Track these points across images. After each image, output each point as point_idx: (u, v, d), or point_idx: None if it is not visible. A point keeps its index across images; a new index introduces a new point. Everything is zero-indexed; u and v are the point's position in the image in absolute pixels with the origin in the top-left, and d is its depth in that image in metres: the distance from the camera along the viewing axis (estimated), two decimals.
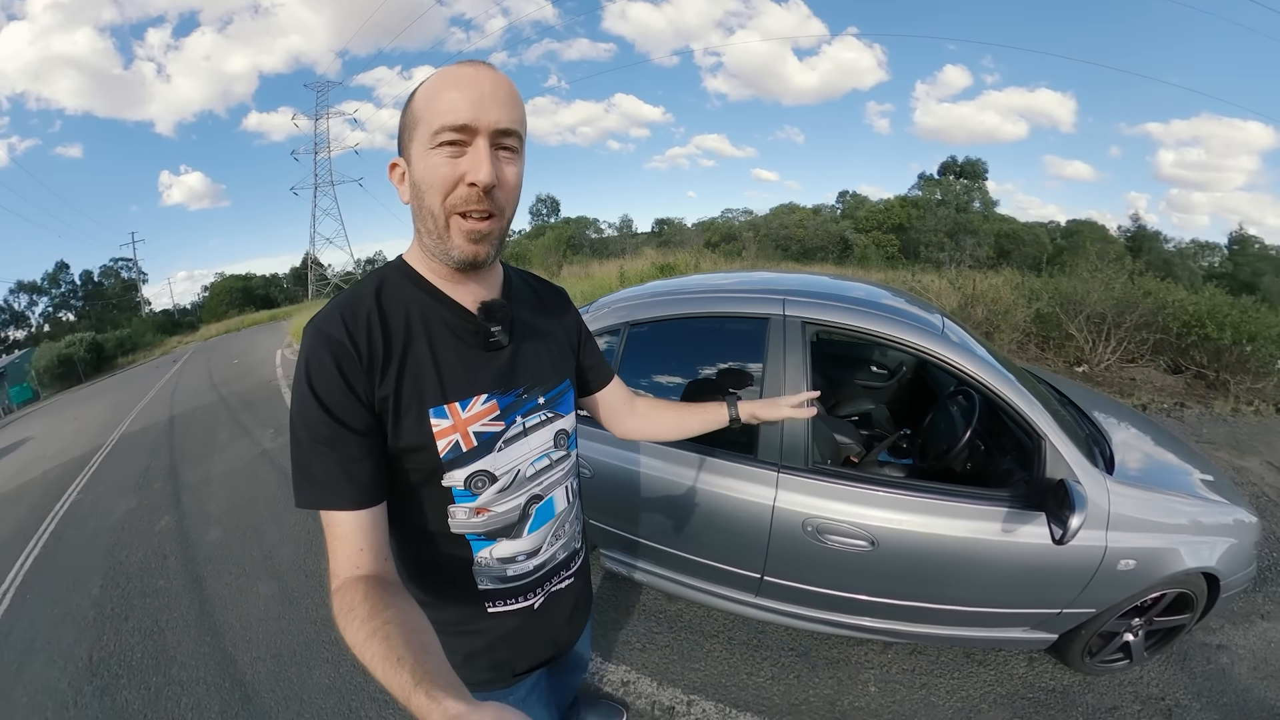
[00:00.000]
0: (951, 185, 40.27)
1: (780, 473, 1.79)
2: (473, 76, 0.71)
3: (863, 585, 1.84)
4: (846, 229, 37.15)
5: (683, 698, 2.06)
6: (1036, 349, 6.30)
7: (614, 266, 16.28)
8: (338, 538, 0.72)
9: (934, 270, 10.36)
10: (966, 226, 34.78)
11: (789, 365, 1.80)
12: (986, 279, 7.57)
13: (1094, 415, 2.19)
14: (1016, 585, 1.73)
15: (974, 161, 41.00)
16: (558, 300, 1.06)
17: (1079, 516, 1.42)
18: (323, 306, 0.79)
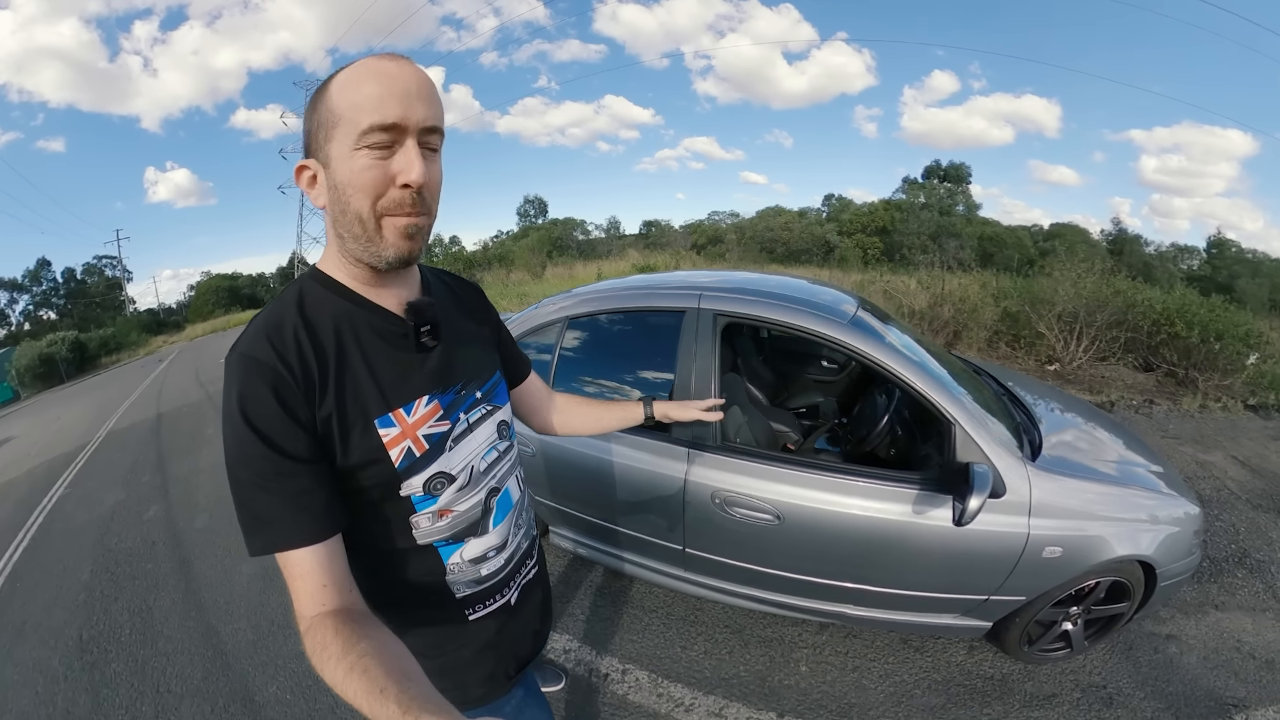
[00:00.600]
0: (935, 189, 40.64)
1: (690, 449, 1.92)
2: (396, 72, 0.67)
3: (774, 560, 1.91)
4: (831, 232, 37.50)
5: (618, 666, 2.18)
6: (1007, 348, 6.37)
7: (596, 268, 16.41)
8: (297, 577, 0.68)
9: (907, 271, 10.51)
10: (949, 229, 35.12)
11: (699, 353, 1.92)
12: (956, 279, 7.72)
13: (1030, 406, 2.23)
14: (933, 568, 1.74)
15: (957, 165, 41.38)
16: (474, 295, 1.04)
17: (977, 498, 1.43)
18: (243, 332, 0.73)
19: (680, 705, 1.98)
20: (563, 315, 2.32)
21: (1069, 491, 1.69)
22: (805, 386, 3.01)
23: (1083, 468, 1.83)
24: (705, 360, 1.91)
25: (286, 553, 0.68)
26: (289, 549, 0.68)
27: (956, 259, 30.75)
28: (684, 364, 1.95)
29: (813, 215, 43.16)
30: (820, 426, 2.60)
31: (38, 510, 6.27)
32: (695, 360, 1.92)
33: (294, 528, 0.68)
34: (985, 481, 1.47)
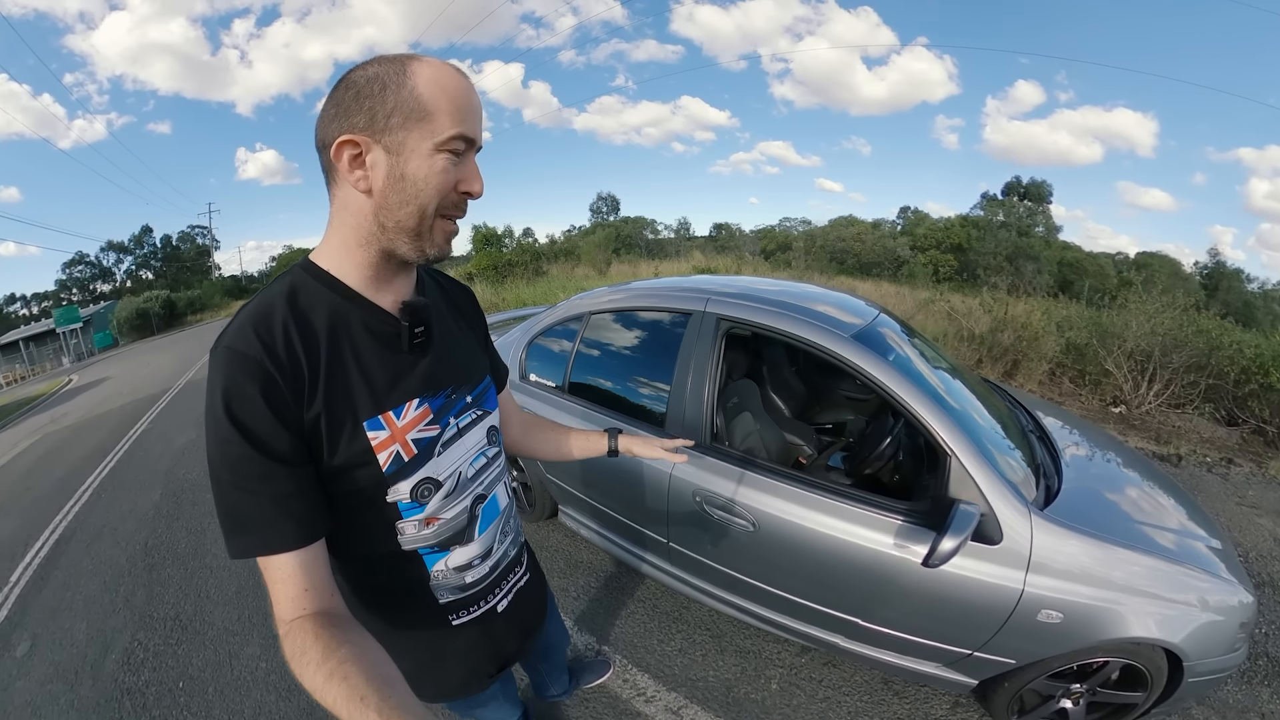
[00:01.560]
0: (1015, 207, 38.23)
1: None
2: (471, 90, 0.70)
3: (749, 568, 1.87)
4: (904, 245, 35.83)
5: (595, 646, 2.23)
6: (1070, 384, 5.73)
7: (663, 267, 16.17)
8: (278, 581, 0.65)
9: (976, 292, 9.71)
10: (1027, 251, 32.95)
11: (697, 356, 1.92)
12: (1020, 303, 6.96)
13: (1059, 447, 2.00)
14: (911, 609, 1.62)
15: (1039, 183, 38.70)
16: (465, 297, 1.02)
17: (952, 540, 1.31)
18: (229, 323, 0.70)
19: (642, 695, 1.99)
20: (587, 310, 2.43)
21: (1081, 550, 1.46)
22: (836, 402, 2.90)
23: (1106, 526, 1.57)
24: (704, 363, 1.91)
25: (268, 558, 0.66)
26: (271, 554, 0.65)
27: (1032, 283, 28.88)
28: (682, 366, 1.96)
29: (887, 227, 41.27)
30: (835, 444, 2.53)
31: (124, 439, 7.06)
32: (693, 363, 1.93)
33: (276, 533, 0.65)
34: (966, 523, 1.34)
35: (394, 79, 0.67)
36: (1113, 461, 2.08)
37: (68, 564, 3.77)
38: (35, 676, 2.64)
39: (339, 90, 0.68)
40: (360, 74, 0.68)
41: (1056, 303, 7.18)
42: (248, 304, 0.72)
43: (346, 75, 0.69)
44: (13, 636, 3.03)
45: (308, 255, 0.78)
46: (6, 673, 2.72)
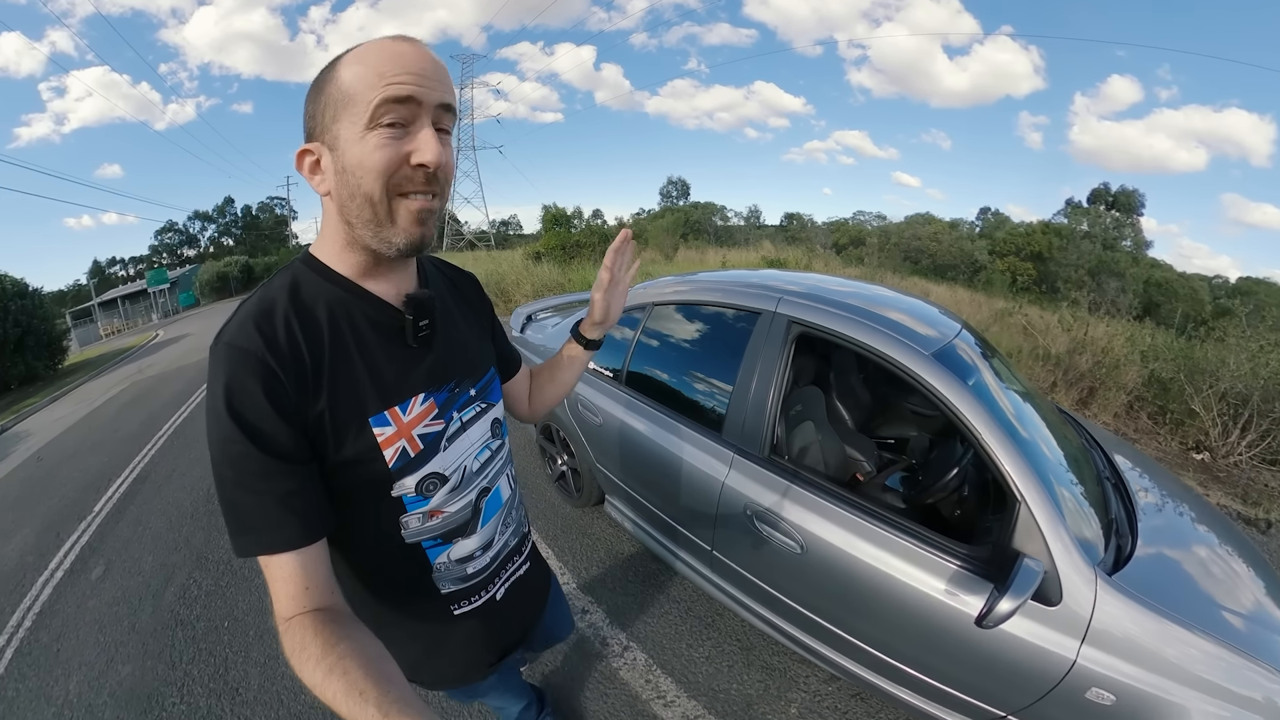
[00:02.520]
0: (1100, 216, 35.73)
1: (736, 454, 1.85)
2: (409, 50, 0.64)
3: (792, 590, 1.79)
4: (982, 249, 34.35)
5: (623, 641, 2.20)
6: (1149, 420, 5.18)
7: (731, 255, 15.79)
8: (279, 579, 0.64)
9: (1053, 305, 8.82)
10: (1111, 267, 30.62)
11: (764, 359, 1.83)
12: (1102, 325, 6.28)
13: (1136, 500, 1.80)
14: (952, 659, 1.50)
15: (1128, 192, 35.98)
16: (471, 286, 0.99)
17: (1011, 601, 1.18)
18: (229, 318, 0.69)
19: (662, 699, 1.97)
20: (650, 300, 2.37)
21: (1149, 628, 1.29)
22: (900, 415, 2.71)
23: (1179, 601, 1.38)
24: (770, 367, 1.81)
25: (269, 556, 0.65)
26: (274, 554, 0.64)
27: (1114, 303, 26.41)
28: (748, 365, 1.86)
29: (965, 229, 39.75)
30: (896, 464, 2.36)
31: (197, 392, 7.61)
32: (761, 364, 1.83)
33: (279, 532, 0.64)
34: (1029, 582, 1.21)
35: (326, 75, 0.65)
36: (1191, 520, 1.84)
37: (142, 501, 4.11)
38: (105, 598, 2.90)
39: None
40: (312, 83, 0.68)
41: (1142, 327, 6.44)
42: (249, 298, 0.71)
43: None
44: (90, 560, 3.34)
45: (307, 249, 0.76)
46: (82, 592, 3.00)
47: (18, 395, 12.78)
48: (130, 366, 12.75)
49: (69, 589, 3.07)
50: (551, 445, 3.07)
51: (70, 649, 2.55)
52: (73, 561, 3.37)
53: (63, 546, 3.60)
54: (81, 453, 5.95)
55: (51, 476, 5.36)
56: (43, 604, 2.98)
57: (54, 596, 3.03)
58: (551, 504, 3.16)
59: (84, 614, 2.80)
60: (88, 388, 11.19)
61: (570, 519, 3.00)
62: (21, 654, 2.60)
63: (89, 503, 4.28)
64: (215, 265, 36.52)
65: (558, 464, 3.07)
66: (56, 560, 3.43)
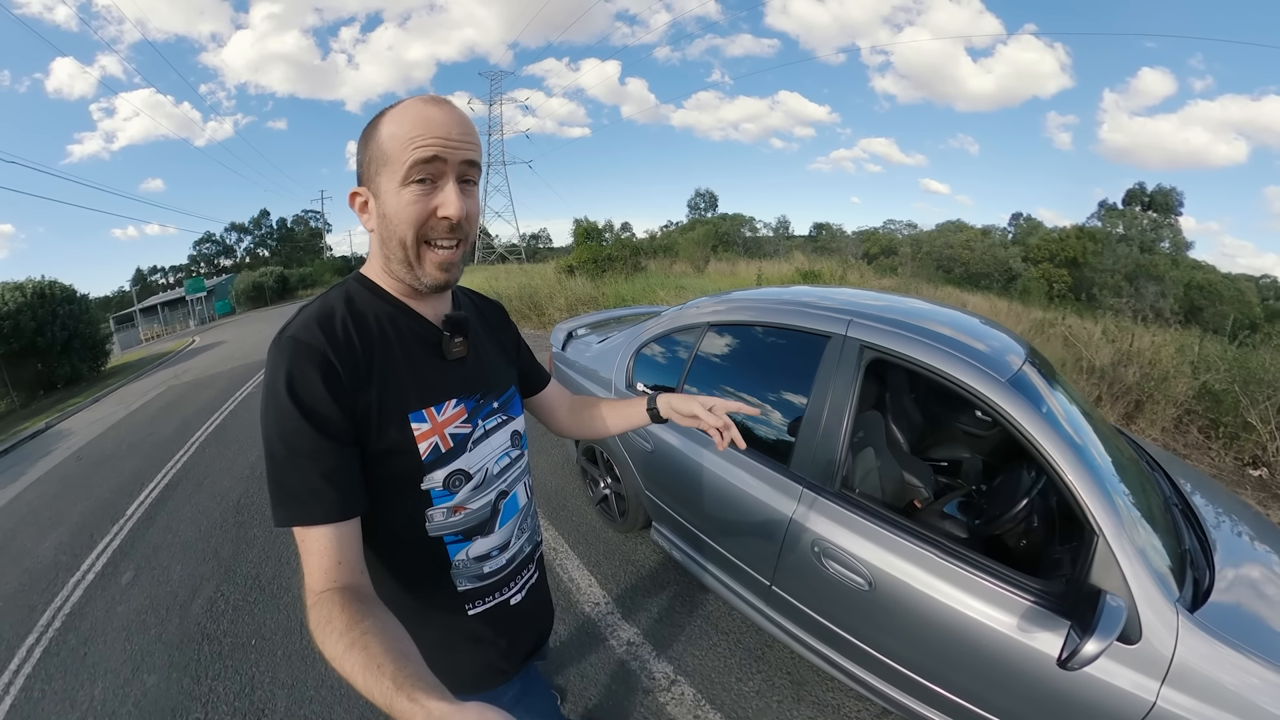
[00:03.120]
0: (1137, 218, 34.31)
1: (805, 489, 1.79)
2: (436, 113, 0.74)
3: (854, 626, 1.73)
4: (1015, 256, 33.53)
5: (670, 675, 2.12)
6: (1200, 434, 4.93)
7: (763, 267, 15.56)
8: (313, 552, 0.70)
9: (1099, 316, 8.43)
10: (1150, 270, 29.28)
11: (837, 385, 1.76)
12: (1149, 334, 6.04)
13: (1211, 532, 1.73)
14: (1024, 700, 1.44)
15: (1165, 191, 34.30)
16: (496, 313, 1.11)
17: (1098, 643, 1.12)
18: (290, 319, 0.78)
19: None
20: (705, 320, 2.28)
21: (1233, 669, 1.21)
22: (952, 436, 2.63)
23: (1263, 639, 1.30)
24: (842, 394, 1.75)
25: (307, 528, 0.70)
26: (312, 525, 0.70)
27: (1154, 308, 25.47)
28: (819, 393, 1.80)
29: (997, 235, 38.73)
30: (956, 489, 2.29)
31: (231, 398, 7.79)
32: (831, 392, 1.77)
33: (319, 505, 0.70)
34: (1115, 623, 1.15)
35: (371, 132, 0.77)
36: (1265, 548, 1.75)
37: (172, 508, 4.19)
38: (133, 604, 2.93)
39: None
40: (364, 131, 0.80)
41: (1189, 335, 6.07)
42: (309, 304, 0.81)
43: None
44: (121, 564, 3.40)
45: (358, 270, 0.87)
46: (111, 596, 3.05)
47: (63, 395, 13.28)
48: (167, 371, 13.16)
49: (99, 592, 3.13)
50: (594, 467, 3.01)
51: (97, 654, 2.58)
52: (104, 565, 3.44)
53: (95, 548, 3.68)
54: (118, 455, 6.13)
55: (89, 476, 5.52)
56: (73, 605, 3.03)
57: (84, 599, 3.09)
58: (593, 528, 3.09)
59: (112, 619, 2.84)
60: (127, 390, 11.58)
61: (612, 544, 2.93)
62: (50, 654, 2.65)
63: (122, 505, 4.38)
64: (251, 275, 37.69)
65: (600, 487, 3.01)
66: (89, 562, 3.50)
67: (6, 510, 5.05)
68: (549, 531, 3.11)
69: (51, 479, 5.81)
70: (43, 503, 5.01)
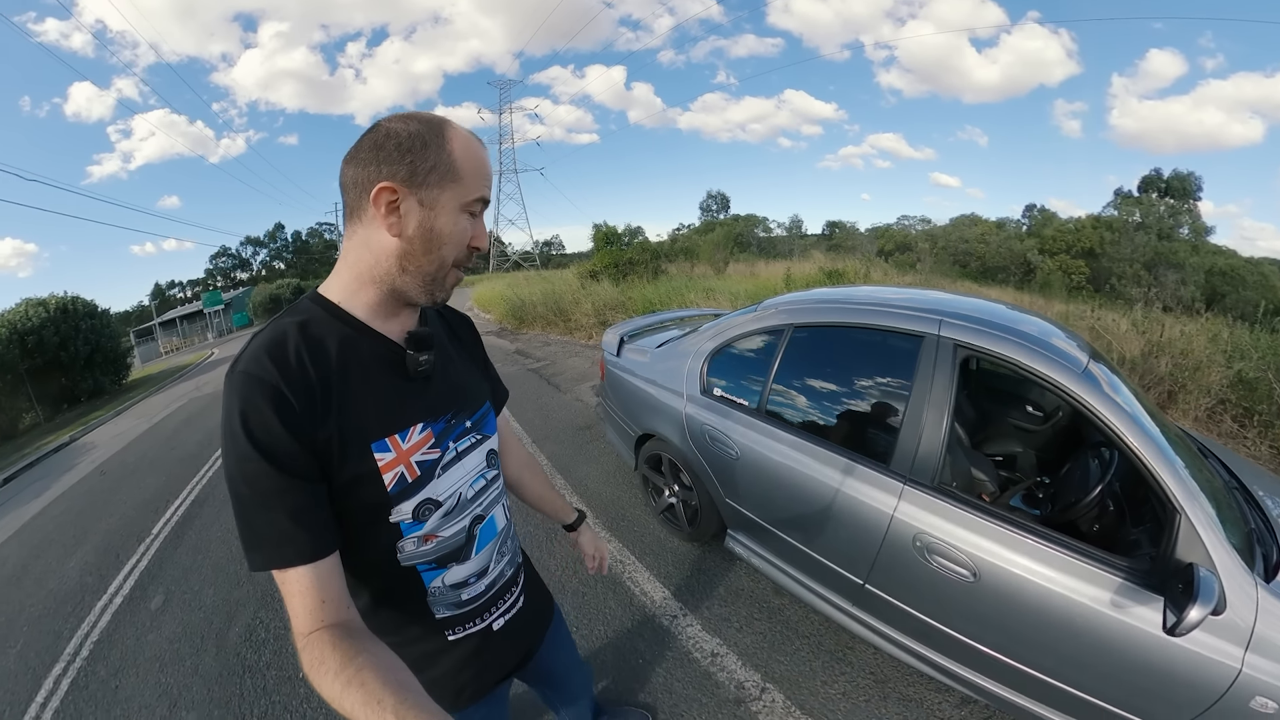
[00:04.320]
0: (1153, 205, 33.61)
1: (906, 485, 1.81)
2: (488, 158, 0.82)
3: (953, 618, 1.77)
4: (1031, 249, 33.12)
5: (759, 683, 2.10)
6: (1234, 423, 4.83)
7: (780, 268, 15.56)
8: (295, 594, 0.68)
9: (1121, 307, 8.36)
10: (1169, 258, 28.75)
11: (936, 384, 1.81)
12: (1179, 324, 5.87)
13: (1271, 512, 1.85)
14: (1109, 673, 1.52)
15: (1183, 176, 33.67)
16: (464, 325, 1.07)
17: (1200, 609, 1.22)
18: (242, 349, 0.74)
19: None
20: (788, 322, 2.28)
21: None
22: (1005, 432, 2.67)
23: None
24: (941, 393, 1.79)
25: (284, 570, 0.68)
26: (289, 567, 0.68)
27: (1175, 296, 24.91)
28: (919, 394, 1.83)
29: (1011, 228, 38.49)
30: (1019, 482, 2.32)
31: None
32: (931, 391, 1.81)
33: (293, 546, 0.68)
34: (1212, 591, 1.24)
35: (435, 140, 0.74)
36: None
37: (200, 527, 4.05)
38: (165, 632, 2.78)
39: (379, 137, 0.74)
40: (402, 127, 0.74)
41: (1218, 322, 5.92)
42: (260, 332, 0.75)
43: (385, 125, 0.75)
44: (150, 587, 3.26)
45: (315, 289, 0.82)
46: (141, 623, 2.90)
47: (86, 408, 13.36)
48: (188, 384, 13.20)
49: (128, 618, 2.99)
50: (659, 475, 2.95)
51: (130, 688, 2.43)
52: (131, 587, 3.31)
53: (122, 569, 3.55)
54: (141, 470, 6.05)
55: (113, 491, 5.43)
56: (101, 631, 2.90)
57: (112, 625, 2.95)
58: (657, 538, 2.98)
59: (143, 648, 2.69)
60: (148, 403, 11.60)
61: (681, 554, 2.84)
62: (78, 687, 2.50)
63: (147, 524, 4.27)
64: (268, 288, 38.37)
65: (665, 496, 2.95)
66: (115, 584, 3.37)
67: (33, 525, 4.99)
68: (612, 544, 2.99)
69: (76, 493, 5.74)
70: (68, 518, 4.92)
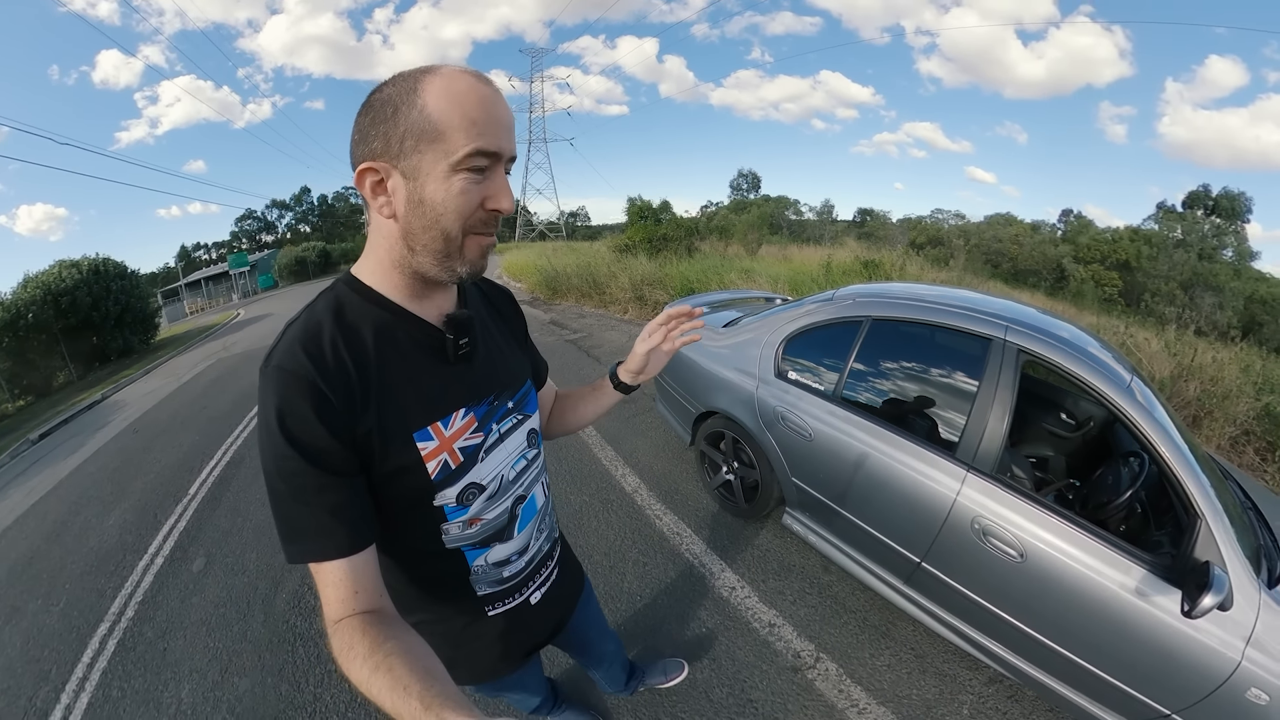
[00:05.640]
0: (1198, 223, 32.75)
1: (970, 472, 1.97)
2: (494, 98, 0.67)
3: (998, 596, 1.94)
4: (1065, 255, 32.64)
5: (814, 652, 2.25)
6: (1256, 455, 4.88)
7: (813, 253, 15.66)
8: (329, 584, 0.68)
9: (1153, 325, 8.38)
10: (1208, 279, 27.99)
11: (1000, 387, 1.97)
12: (1211, 350, 6.09)
13: (1277, 531, 2.02)
14: (1130, 655, 1.69)
15: (1233, 195, 32.63)
16: (505, 300, 1.04)
17: (1213, 596, 1.39)
18: (276, 340, 0.72)
19: (855, 707, 2.04)
20: (868, 314, 2.40)
21: None
22: (1038, 435, 2.83)
23: None
24: (1005, 394, 1.95)
25: (319, 563, 0.69)
26: (324, 561, 0.68)
27: (1210, 320, 24.72)
28: (985, 391, 1.99)
29: (1046, 232, 38.05)
30: (1052, 483, 2.47)
31: None
32: (996, 392, 1.97)
33: (329, 541, 0.68)
34: (1223, 585, 1.43)
35: (404, 99, 0.65)
36: None
37: (238, 488, 4.05)
38: (209, 596, 2.76)
39: (361, 114, 0.68)
40: (376, 96, 0.67)
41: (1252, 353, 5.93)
42: (294, 321, 0.73)
43: (370, 96, 0.68)
44: (190, 549, 3.25)
45: (349, 270, 0.79)
46: (184, 585, 2.90)
47: (116, 367, 13.61)
48: (215, 343, 13.35)
49: (170, 580, 2.99)
50: (717, 452, 3.03)
51: (178, 651, 2.42)
52: (171, 548, 3.32)
53: (161, 530, 3.57)
54: (173, 429, 6.10)
55: (146, 450, 5.48)
56: (145, 593, 2.91)
57: (155, 586, 2.95)
58: (710, 513, 3.04)
59: (189, 611, 2.67)
60: (176, 362, 11.76)
61: (734, 530, 2.92)
62: (125, 648, 2.49)
63: (184, 484, 4.29)
64: (294, 250, 38.47)
65: (722, 472, 3.02)
66: (155, 545, 3.39)
67: (70, 481, 5.06)
68: (667, 517, 3.04)
69: (110, 451, 5.81)
70: (104, 475, 4.99)
